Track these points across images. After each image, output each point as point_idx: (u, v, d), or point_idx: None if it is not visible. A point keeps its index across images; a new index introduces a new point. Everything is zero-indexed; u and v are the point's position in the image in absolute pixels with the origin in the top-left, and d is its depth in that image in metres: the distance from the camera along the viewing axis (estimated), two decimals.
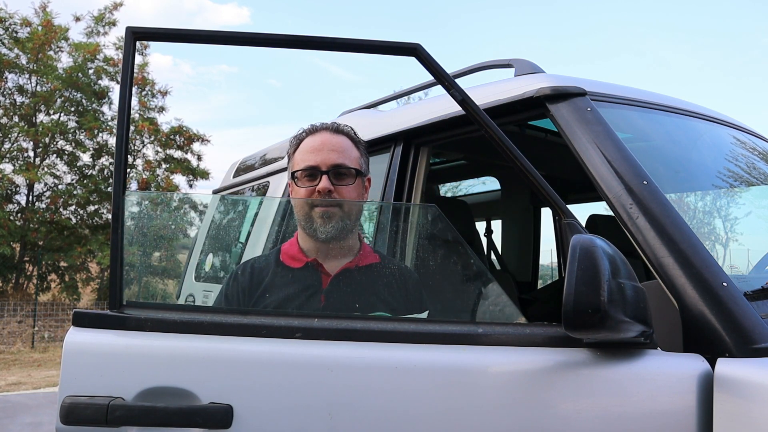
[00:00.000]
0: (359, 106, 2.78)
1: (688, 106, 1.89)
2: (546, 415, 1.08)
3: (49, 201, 13.80)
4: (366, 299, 1.47)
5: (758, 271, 1.81)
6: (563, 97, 1.50)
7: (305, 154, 1.51)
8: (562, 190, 3.39)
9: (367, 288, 1.50)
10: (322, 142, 1.51)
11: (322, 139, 1.52)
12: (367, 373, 1.12)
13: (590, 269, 0.99)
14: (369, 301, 1.46)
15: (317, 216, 1.45)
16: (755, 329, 1.08)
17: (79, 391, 1.13)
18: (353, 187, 1.51)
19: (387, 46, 1.22)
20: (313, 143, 1.52)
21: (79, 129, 13.98)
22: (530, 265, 3.77)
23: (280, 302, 1.45)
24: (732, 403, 1.01)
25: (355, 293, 1.49)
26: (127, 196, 1.21)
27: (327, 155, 1.49)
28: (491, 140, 1.19)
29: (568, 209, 1.17)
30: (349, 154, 1.52)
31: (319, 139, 1.52)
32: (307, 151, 1.51)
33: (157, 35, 1.20)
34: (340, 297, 1.47)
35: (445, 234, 1.50)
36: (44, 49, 13.41)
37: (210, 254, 3.38)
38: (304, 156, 1.51)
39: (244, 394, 1.12)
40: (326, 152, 1.49)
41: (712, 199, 2.18)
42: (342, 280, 1.48)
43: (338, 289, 1.47)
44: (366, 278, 1.51)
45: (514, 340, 1.13)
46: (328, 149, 1.50)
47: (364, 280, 1.50)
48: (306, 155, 1.51)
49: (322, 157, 1.48)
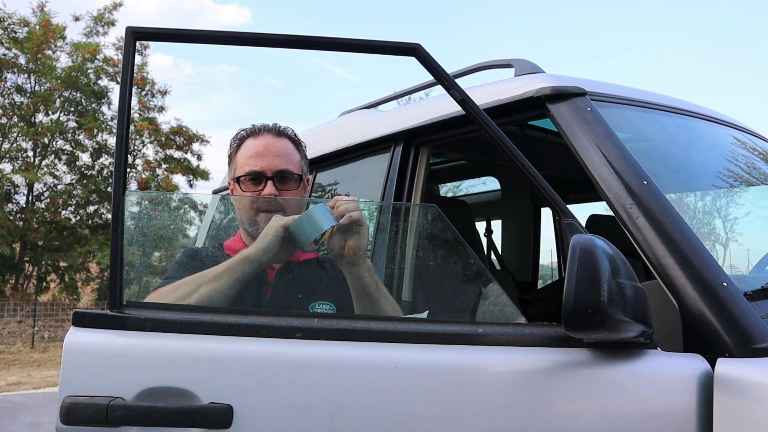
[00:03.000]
0: (359, 106, 2.78)
1: (688, 106, 1.89)
2: (546, 415, 1.08)
3: (49, 201, 13.80)
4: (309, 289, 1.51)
5: (758, 271, 1.81)
6: (563, 97, 1.50)
7: (249, 159, 1.51)
8: (562, 190, 3.39)
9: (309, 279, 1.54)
10: (266, 146, 1.52)
11: (265, 143, 1.52)
12: (367, 373, 1.12)
13: (590, 269, 0.99)
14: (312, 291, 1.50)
15: (263, 220, 1.44)
16: (755, 329, 1.08)
17: (79, 391, 1.13)
18: (296, 192, 1.54)
19: (387, 46, 1.22)
20: (257, 147, 1.52)
21: (79, 129, 13.97)
22: (530, 265, 3.77)
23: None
24: (732, 403, 1.01)
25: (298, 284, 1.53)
26: (127, 196, 1.20)
27: (271, 161, 1.50)
28: (491, 140, 1.19)
29: (568, 209, 1.17)
30: (292, 158, 1.54)
31: (262, 143, 1.52)
32: (251, 155, 1.51)
33: (157, 35, 1.20)
34: (285, 288, 1.50)
35: (445, 234, 1.50)
36: (43, 48, 13.40)
37: None
38: (248, 160, 1.51)
39: (244, 394, 1.12)
40: (271, 157, 1.50)
41: (712, 199, 2.18)
42: (286, 272, 1.52)
43: (284, 281, 1.51)
44: (307, 270, 1.56)
45: (514, 340, 1.13)
46: (273, 154, 1.50)
47: (306, 272, 1.55)
48: (250, 159, 1.51)
49: (267, 163, 1.49)
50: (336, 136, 2.39)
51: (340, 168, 2.35)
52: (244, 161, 1.52)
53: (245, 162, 1.52)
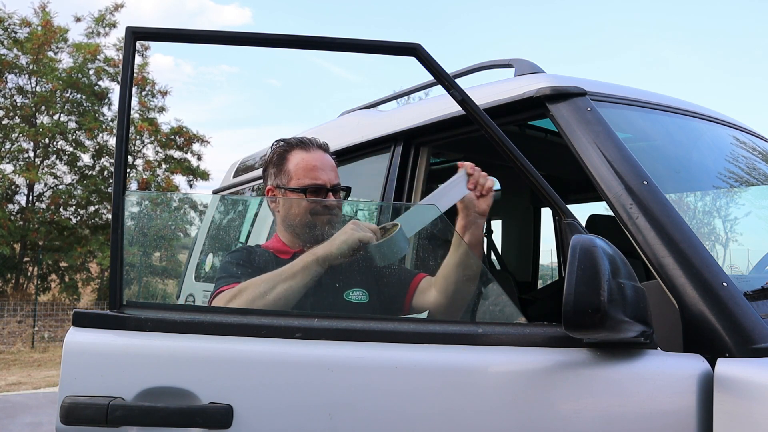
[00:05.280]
0: (359, 106, 2.78)
1: (688, 106, 1.89)
2: (546, 415, 1.08)
3: (50, 201, 13.80)
4: (344, 278, 1.56)
5: (758, 271, 1.81)
6: (563, 97, 1.50)
7: (308, 172, 1.63)
8: (562, 190, 3.39)
9: (344, 267, 1.53)
10: (321, 161, 1.66)
11: (320, 157, 1.67)
12: (367, 373, 1.12)
13: (590, 269, 0.99)
14: (347, 279, 1.56)
15: (323, 222, 1.59)
16: (755, 329, 1.08)
17: (79, 391, 1.13)
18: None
19: (387, 46, 1.22)
20: (314, 161, 1.65)
21: (80, 129, 13.97)
22: (530, 265, 3.77)
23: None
24: (732, 403, 1.01)
25: (335, 271, 1.50)
26: (127, 196, 1.21)
27: (329, 175, 1.65)
28: (491, 140, 1.19)
29: (568, 209, 1.17)
30: (337, 172, 1.71)
31: (318, 158, 1.66)
32: (310, 168, 1.64)
33: (157, 35, 1.20)
34: (323, 276, 1.50)
35: (445, 234, 1.50)
36: (44, 49, 13.40)
37: (210, 254, 3.38)
38: (308, 173, 1.63)
39: (244, 394, 1.12)
40: (328, 172, 1.65)
41: (712, 199, 2.18)
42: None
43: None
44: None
45: (514, 340, 1.13)
46: (329, 169, 1.66)
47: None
48: (310, 173, 1.63)
49: (326, 177, 1.64)
50: (336, 136, 2.39)
51: (341, 168, 2.34)
52: (303, 173, 1.63)
53: (305, 174, 1.63)
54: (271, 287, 1.37)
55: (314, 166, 1.64)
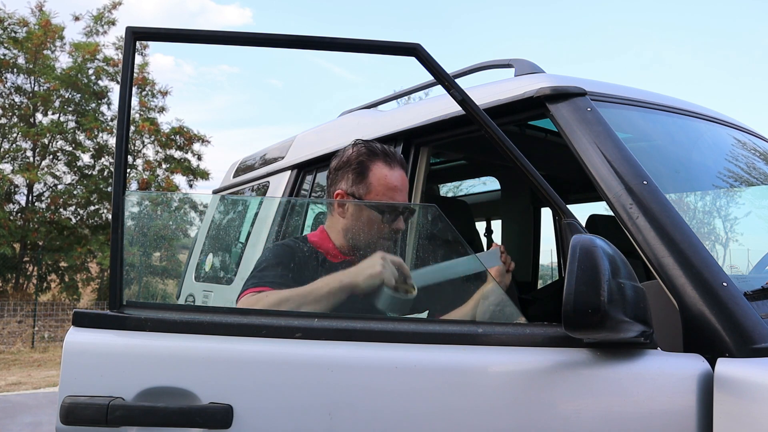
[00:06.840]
0: (359, 106, 2.78)
1: (688, 106, 1.89)
2: (546, 415, 1.08)
3: (49, 201, 13.79)
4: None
5: (758, 271, 1.81)
6: (563, 97, 1.50)
7: (388, 191, 1.63)
8: (562, 190, 3.39)
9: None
10: (402, 182, 1.66)
11: (401, 177, 1.66)
12: (367, 373, 1.12)
13: (590, 269, 0.99)
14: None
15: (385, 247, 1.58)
16: (755, 329, 1.08)
17: (79, 391, 1.13)
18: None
19: (387, 46, 1.22)
20: (395, 181, 1.64)
21: (79, 129, 13.96)
22: (530, 265, 3.77)
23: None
24: (732, 403, 1.01)
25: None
26: (127, 196, 1.21)
27: (404, 198, 1.67)
28: (491, 140, 1.19)
29: (568, 209, 1.17)
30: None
31: (399, 177, 1.66)
32: (390, 188, 1.64)
33: (157, 35, 1.20)
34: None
35: (445, 234, 1.50)
36: (42, 49, 13.39)
37: (210, 254, 3.38)
38: (387, 192, 1.63)
39: (244, 394, 1.12)
40: (404, 194, 1.67)
41: (712, 199, 2.18)
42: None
43: None
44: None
45: (514, 340, 1.13)
46: (405, 191, 1.68)
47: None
48: (389, 192, 1.63)
49: (403, 198, 1.66)
50: (336, 136, 2.39)
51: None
52: (383, 191, 1.63)
53: (384, 192, 1.63)
54: (294, 306, 1.38)
55: (395, 187, 1.64)
